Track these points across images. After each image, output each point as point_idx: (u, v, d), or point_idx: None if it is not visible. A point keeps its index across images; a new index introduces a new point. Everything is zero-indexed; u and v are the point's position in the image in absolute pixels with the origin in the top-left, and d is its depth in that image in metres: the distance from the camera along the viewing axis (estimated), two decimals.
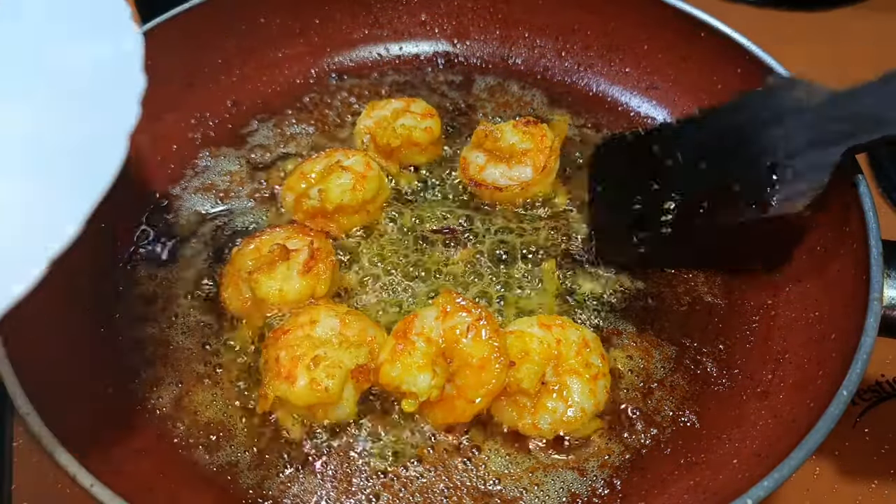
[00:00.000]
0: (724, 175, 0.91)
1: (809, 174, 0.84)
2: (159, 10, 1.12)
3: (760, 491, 0.68)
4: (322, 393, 0.82)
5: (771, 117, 0.90)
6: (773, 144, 0.88)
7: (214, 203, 1.08)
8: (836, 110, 0.85)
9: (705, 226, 0.92)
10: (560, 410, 0.84)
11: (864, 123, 0.82)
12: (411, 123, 1.10)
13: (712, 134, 0.94)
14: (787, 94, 0.90)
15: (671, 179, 0.95)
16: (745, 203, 0.88)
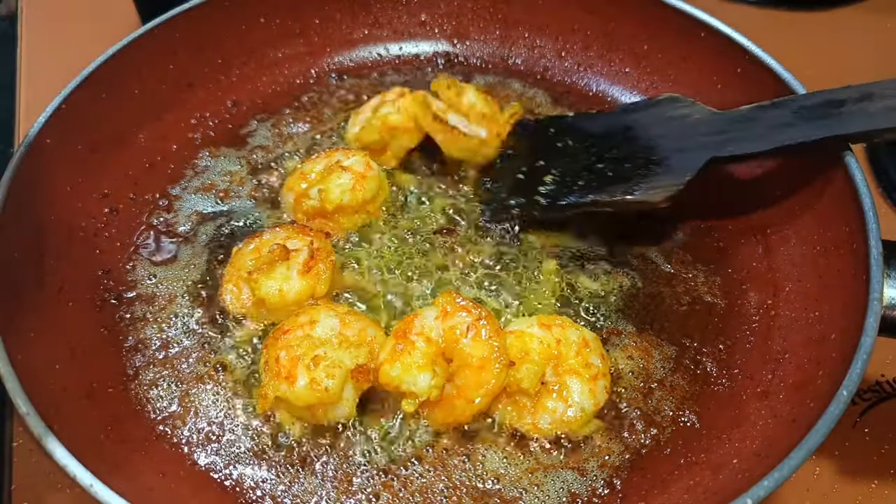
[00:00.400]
0: (601, 162, 1.02)
1: (673, 174, 0.96)
2: (159, 10, 1.12)
3: (760, 491, 0.68)
4: (322, 393, 0.82)
5: (655, 123, 1.03)
6: (651, 145, 1.00)
7: (214, 203, 1.08)
8: (708, 127, 0.98)
9: (575, 201, 1.01)
10: (560, 410, 0.84)
11: (727, 142, 0.95)
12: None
13: (603, 128, 1.07)
14: (674, 107, 1.03)
15: (556, 159, 1.06)
16: (614, 188, 0.98)
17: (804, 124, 0.91)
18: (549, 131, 1.10)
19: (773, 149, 0.91)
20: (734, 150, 0.94)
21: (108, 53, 1.05)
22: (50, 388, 0.81)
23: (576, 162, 1.04)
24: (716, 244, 1.04)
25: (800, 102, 0.94)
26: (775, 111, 0.94)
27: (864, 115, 0.88)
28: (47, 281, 0.92)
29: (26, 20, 1.50)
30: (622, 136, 1.04)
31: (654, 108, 1.05)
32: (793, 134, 0.90)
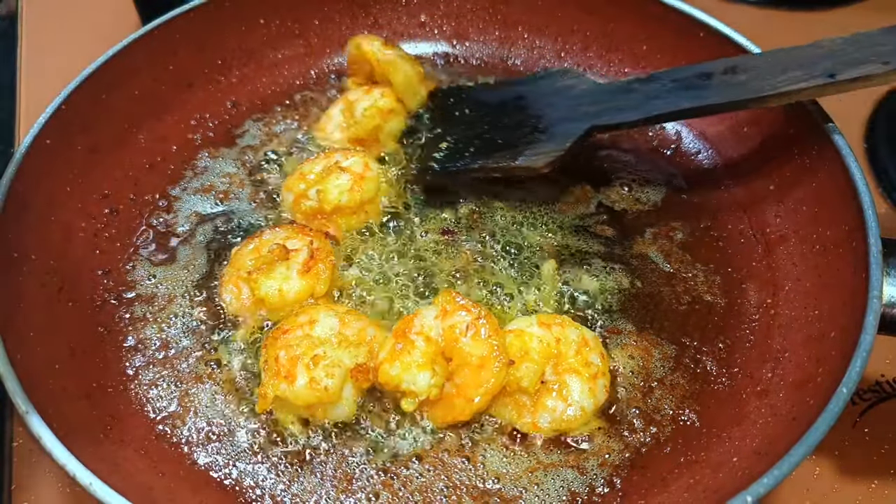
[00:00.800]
0: (493, 131, 1.09)
1: (555, 141, 1.02)
2: (159, 10, 1.12)
3: (760, 488, 0.68)
4: (322, 392, 0.82)
5: (544, 94, 1.10)
6: (539, 115, 1.08)
7: (214, 203, 1.08)
8: (591, 98, 1.05)
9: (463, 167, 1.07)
10: (560, 409, 0.84)
11: (605, 112, 1.02)
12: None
13: (498, 99, 1.14)
14: (564, 78, 1.11)
15: (453, 127, 1.12)
16: (500, 154, 1.04)
17: (674, 96, 0.97)
18: (449, 101, 1.17)
19: (646, 118, 0.99)
20: (610, 120, 1.01)
21: (108, 53, 1.05)
22: (50, 388, 0.81)
23: (470, 130, 1.11)
24: (716, 244, 1.04)
25: (673, 75, 1.00)
26: (651, 84, 1.01)
27: (727, 86, 0.94)
28: (47, 281, 0.92)
29: (26, 20, 1.51)
30: (513, 106, 1.11)
31: (547, 79, 1.13)
32: (663, 105, 0.98)
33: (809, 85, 0.88)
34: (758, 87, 0.91)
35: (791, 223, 0.99)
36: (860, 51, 0.87)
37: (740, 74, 0.93)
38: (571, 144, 1.00)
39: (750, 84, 0.92)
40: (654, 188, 1.11)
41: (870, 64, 0.85)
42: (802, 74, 0.88)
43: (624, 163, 1.14)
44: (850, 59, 0.87)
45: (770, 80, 0.90)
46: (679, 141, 1.16)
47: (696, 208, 1.08)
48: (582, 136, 1.01)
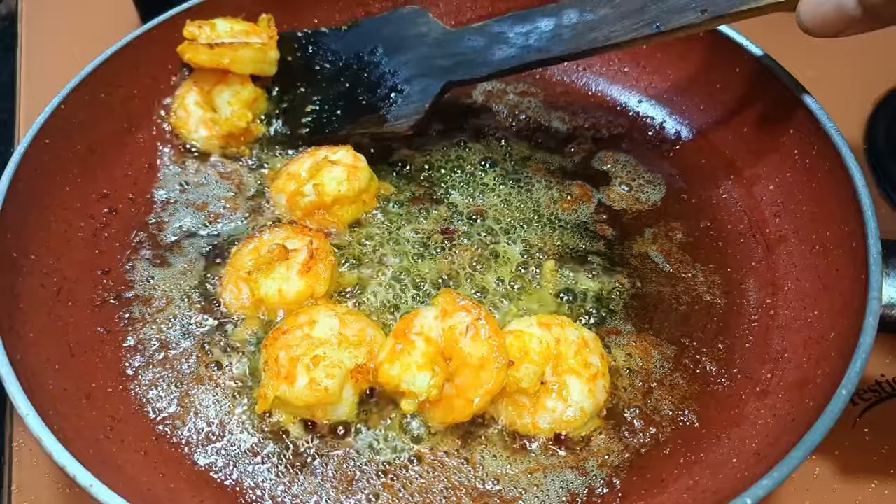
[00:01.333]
0: (355, 89, 1.09)
1: (416, 100, 1.04)
2: (159, 9, 1.12)
3: (760, 490, 0.68)
4: (322, 393, 0.82)
5: (398, 44, 1.09)
6: (395, 69, 1.08)
7: (214, 203, 1.08)
8: (443, 49, 1.05)
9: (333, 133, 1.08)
10: (559, 410, 0.84)
11: (459, 66, 1.03)
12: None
13: (353, 49, 1.13)
14: (416, 23, 1.09)
15: (315, 85, 1.13)
16: (366, 119, 1.06)
17: (519, 48, 1.00)
18: (307, 51, 1.16)
19: (498, 72, 1.02)
20: (464, 75, 1.03)
21: (107, 53, 1.05)
22: (50, 388, 0.81)
23: (332, 88, 1.12)
24: (715, 244, 1.04)
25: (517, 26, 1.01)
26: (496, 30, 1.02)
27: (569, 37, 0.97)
28: (47, 281, 0.92)
29: (26, 20, 1.50)
30: (369, 58, 1.11)
31: (397, 23, 1.11)
32: (511, 58, 1.00)
33: (639, 35, 0.92)
34: (594, 38, 0.95)
35: (791, 223, 0.99)
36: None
37: (579, 24, 0.96)
38: (430, 105, 1.04)
39: (588, 35, 0.95)
40: (654, 188, 1.11)
41: (689, 12, 0.88)
42: (632, 24, 0.92)
43: (624, 163, 1.14)
44: (672, 6, 0.89)
45: (605, 29, 0.94)
46: (679, 141, 1.16)
47: (696, 208, 1.08)
48: (439, 94, 1.04)
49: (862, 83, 1.34)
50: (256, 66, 1.12)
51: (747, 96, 1.08)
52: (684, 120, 1.18)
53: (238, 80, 1.12)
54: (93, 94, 1.04)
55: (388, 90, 1.07)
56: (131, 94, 1.10)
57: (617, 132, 1.19)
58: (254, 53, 1.11)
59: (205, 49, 1.08)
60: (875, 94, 1.34)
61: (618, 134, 1.18)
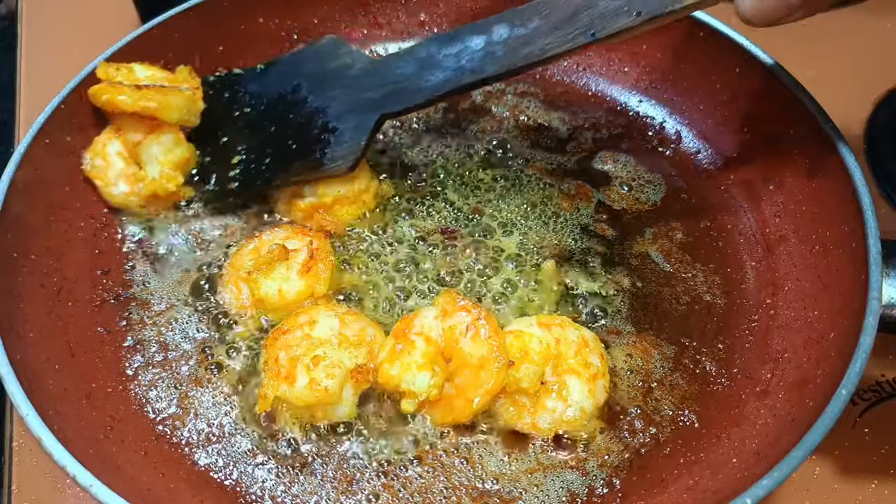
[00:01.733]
0: (282, 132, 1.01)
1: (349, 139, 0.97)
2: (158, 9, 1.12)
3: (760, 490, 0.68)
4: (322, 393, 0.82)
5: (322, 79, 1.01)
6: (324, 107, 1.00)
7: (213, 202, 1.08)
8: (372, 79, 0.99)
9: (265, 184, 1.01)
10: (559, 410, 0.84)
11: (391, 95, 0.97)
12: None
13: (274, 89, 1.05)
14: (337, 55, 1.02)
15: (238, 133, 1.04)
16: (300, 164, 0.99)
17: (452, 71, 0.94)
18: (224, 95, 1.07)
19: (430, 99, 0.96)
20: (397, 106, 0.97)
21: (107, 53, 1.05)
22: (50, 388, 0.81)
23: (257, 134, 1.03)
24: (715, 244, 1.04)
25: (445, 47, 0.95)
26: (425, 55, 0.96)
27: (502, 54, 0.92)
28: (47, 281, 0.92)
29: (26, 20, 1.50)
30: (294, 97, 1.03)
31: (318, 59, 1.04)
32: (444, 83, 0.95)
33: (575, 45, 0.87)
34: (529, 52, 0.90)
35: (791, 223, 0.99)
36: (612, 0, 0.84)
37: (511, 40, 0.91)
38: (366, 142, 0.98)
39: (521, 50, 0.90)
40: (654, 188, 1.11)
41: (622, 16, 0.84)
42: (566, 34, 0.87)
43: (624, 163, 1.14)
44: (605, 11, 0.85)
45: (539, 42, 0.89)
46: (679, 141, 1.16)
47: (696, 208, 1.08)
48: (374, 129, 0.98)
49: (862, 83, 1.34)
50: (183, 116, 1.01)
51: (747, 96, 1.08)
52: (684, 120, 1.17)
53: (171, 135, 1.00)
54: None
55: (320, 130, 0.99)
56: None
57: (617, 132, 1.18)
58: (183, 101, 1.00)
59: (128, 91, 0.96)
60: (875, 94, 1.33)
61: (618, 134, 1.18)
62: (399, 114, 0.99)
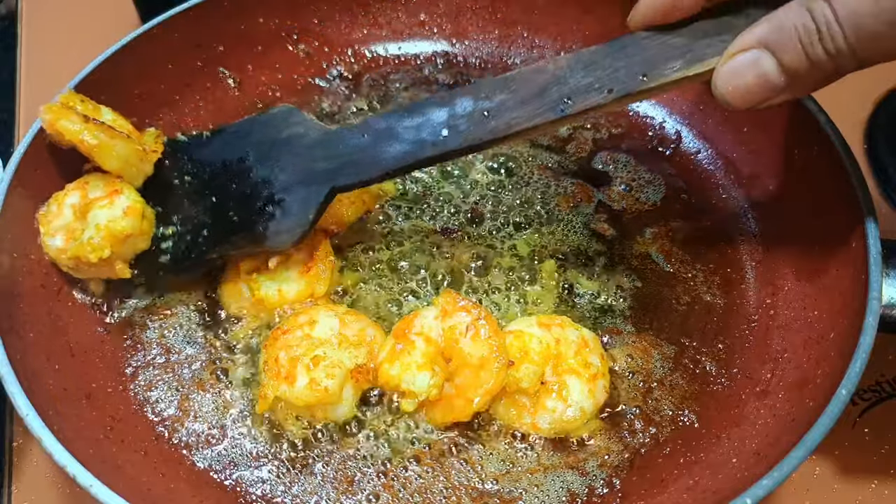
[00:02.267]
0: (223, 203, 0.93)
1: (296, 212, 0.89)
2: (158, 9, 1.12)
3: (760, 490, 0.68)
4: (322, 393, 0.82)
5: (271, 148, 0.93)
6: (270, 178, 0.91)
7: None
8: (324, 150, 0.90)
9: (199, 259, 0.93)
10: (559, 410, 0.84)
11: (344, 167, 0.89)
12: None
13: (218, 157, 0.95)
14: (289, 124, 0.93)
15: (175, 204, 0.94)
16: (239, 237, 0.91)
17: (410, 144, 0.87)
18: (162, 164, 0.96)
19: (386, 173, 0.89)
20: (350, 179, 0.89)
21: (107, 53, 1.05)
22: (50, 388, 0.81)
23: (196, 206, 0.94)
24: (716, 244, 1.04)
25: (403, 119, 0.88)
26: (384, 126, 0.88)
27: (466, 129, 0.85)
28: (47, 281, 0.92)
29: (26, 20, 1.50)
30: (239, 167, 0.94)
31: (269, 127, 0.94)
32: (402, 155, 0.87)
33: (544, 120, 0.82)
34: (494, 127, 0.84)
35: (791, 223, 0.99)
36: (587, 75, 0.81)
37: (475, 113, 0.85)
38: (314, 216, 0.89)
39: (486, 124, 0.84)
40: (654, 188, 1.11)
41: (595, 93, 0.80)
42: (536, 109, 0.82)
43: (624, 163, 1.14)
44: (579, 86, 0.81)
45: (505, 116, 0.83)
46: (679, 141, 1.16)
47: (696, 208, 1.08)
48: (323, 203, 0.89)
49: (862, 83, 1.33)
50: (123, 168, 0.91)
51: None
52: (684, 120, 1.17)
53: (126, 204, 0.89)
54: (93, 95, 1.03)
55: (264, 202, 0.91)
56: (131, 93, 1.10)
57: (617, 132, 1.18)
58: (130, 152, 0.91)
59: (77, 118, 0.88)
60: (875, 94, 1.34)
61: (618, 134, 1.18)
62: (352, 187, 0.91)
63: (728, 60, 0.71)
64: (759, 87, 0.70)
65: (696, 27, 0.77)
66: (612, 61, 0.80)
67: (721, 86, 0.72)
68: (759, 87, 0.69)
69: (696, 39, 0.76)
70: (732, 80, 0.71)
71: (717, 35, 0.75)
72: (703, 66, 0.75)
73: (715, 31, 0.76)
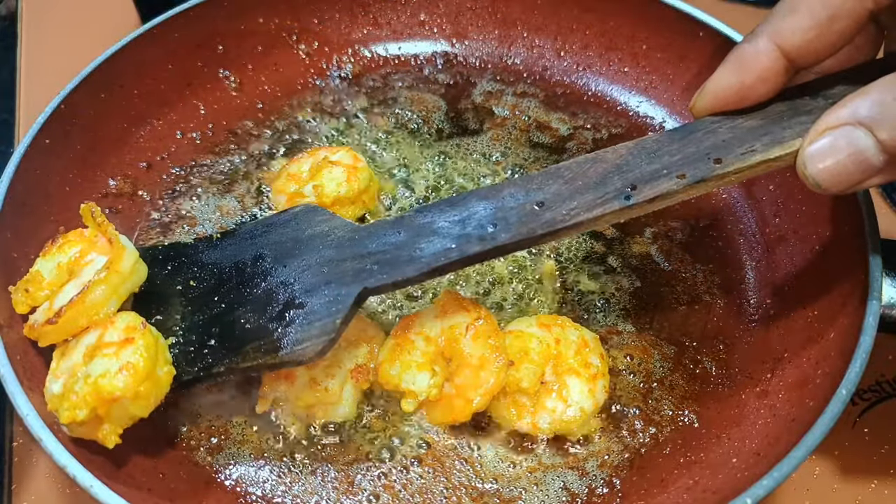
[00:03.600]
0: (234, 310, 0.81)
1: (322, 316, 0.78)
2: (158, 9, 1.12)
3: (760, 490, 0.68)
4: (322, 393, 0.82)
5: (293, 247, 0.83)
6: (291, 280, 0.81)
7: (213, 203, 1.08)
8: (354, 248, 0.81)
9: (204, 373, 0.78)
10: (559, 410, 0.84)
11: (377, 266, 0.79)
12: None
13: (230, 259, 0.85)
14: (312, 223, 0.85)
15: (175, 311, 0.82)
16: (253, 348, 0.78)
17: (452, 238, 0.78)
18: (165, 269, 0.86)
19: (427, 272, 0.78)
20: (385, 280, 0.78)
21: (107, 53, 1.05)
22: None
23: (200, 313, 0.82)
24: (715, 244, 1.04)
25: (448, 214, 0.80)
26: (422, 220, 0.80)
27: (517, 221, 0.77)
28: None
29: (26, 20, 1.50)
30: (254, 269, 0.83)
31: (290, 225, 0.86)
32: (443, 253, 0.78)
33: (605, 211, 0.75)
34: (550, 219, 0.76)
35: (791, 223, 0.99)
36: (652, 162, 0.75)
37: (527, 205, 0.78)
38: (342, 321, 0.77)
39: (540, 216, 0.77)
40: None
41: (664, 179, 0.74)
42: (596, 198, 0.76)
43: None
44: (644, 173, 0.75)
45: (563, 207, 0.76)
46: None
47: (696, 208, 1.08)
48: (353, 306, 0.78)
49: None
50: (119, 299, 0.79)
51: None
52: (684, 120, 1.17)
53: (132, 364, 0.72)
54: (93, 94, 1.04)
55: (284, 307, 0.79)
56: (131, 93, 1.10)
57: (617, 132, 1.19)
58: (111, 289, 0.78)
59: (49, 330, 0.76)
60: None
61: (618, 134, 1.18)
62: (386, 288, 0.79)
63: (817, 138, 0.66)
64: (854, 167, 0.64)
65: (771, 110, 0.74)
66: (679, 147, 0.76)
67: (811, 166, 0.67)
68: (855, 166, 0.64)
69: (773, 122, 0.73)
70: (824, 160, 0.66)
71: (795, 117, 0.72)
72: (784, 148, 0.71)
73: (792, 114, 0.73)
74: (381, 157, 1.14)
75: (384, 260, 0.79)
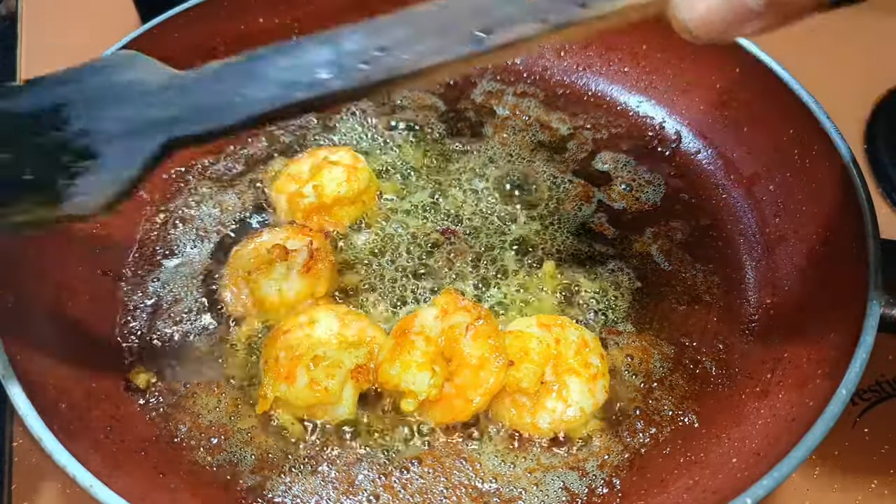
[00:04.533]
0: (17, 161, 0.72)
1: (113, 168, 0.70)
2: (158, 9, 1.12)
3: (760, 490, 0.68)
4: (322, 393, 0.82)
5: (98, 97, 0.75)
6: (87, 129, 0.72)
7: (213, 203, 1.08)
8: (166, 95, 0.73)
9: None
10: (559, 410, 0.84)
11: (189, 116, 0.71)
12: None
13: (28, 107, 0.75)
14: (125, 70, 0.76)
15: None
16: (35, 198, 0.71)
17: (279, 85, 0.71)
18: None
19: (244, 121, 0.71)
20: (193, 128, 0.71)
21: (107, 53, 1.05)
22: (50, 388, 0.81)
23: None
24: (715, 244, 1.04)
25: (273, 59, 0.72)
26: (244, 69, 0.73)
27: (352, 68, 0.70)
28: (47, 281, 0.92)
29: (26, 20, 1.50)
30: (50, 120, 0.74)
31: (103, 73, 0.77)
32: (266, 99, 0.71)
33: (454, 56, 0.68)
34: (392, 64, 0.69)
35: (791, 223, 0.99)
36: (510, 4, 0.68)
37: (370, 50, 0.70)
38: (138, 172, 0.70)
39: (380, 62, 0.69)
40: (654, 188, 1.11)
41: (522, 24, 0.67)
42: (445, 43, 0.68)
43: (624, 163, 1.14)
44: (501, 16, 0.67)
45: (406, 52, 0.69)
46: (679, 141, 1.16)
47: (695, 208, 1.08)
48: (153, 158, 0.70)
49: (862, 83, 1.34)
50: None
51: (747, 96, 1.08)
52: (684, 120, 1.18)
53: None
54: None
55: (74, 157, 0.71)
56: None
57: (617, 132, 1.19)
58: None
59: None
60: (875, 94, 1.34)
61: (618, 134, 1.18)
62: (198, 139, 0.72)
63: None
64: (729, 10, 0.58)
65: None
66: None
67: (683, 10, 0.61)
68: (731, 9, 0.58)
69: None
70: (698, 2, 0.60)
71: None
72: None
73: None
74: (381, 158, 1.14)
75: (198, 108, 0.72)
